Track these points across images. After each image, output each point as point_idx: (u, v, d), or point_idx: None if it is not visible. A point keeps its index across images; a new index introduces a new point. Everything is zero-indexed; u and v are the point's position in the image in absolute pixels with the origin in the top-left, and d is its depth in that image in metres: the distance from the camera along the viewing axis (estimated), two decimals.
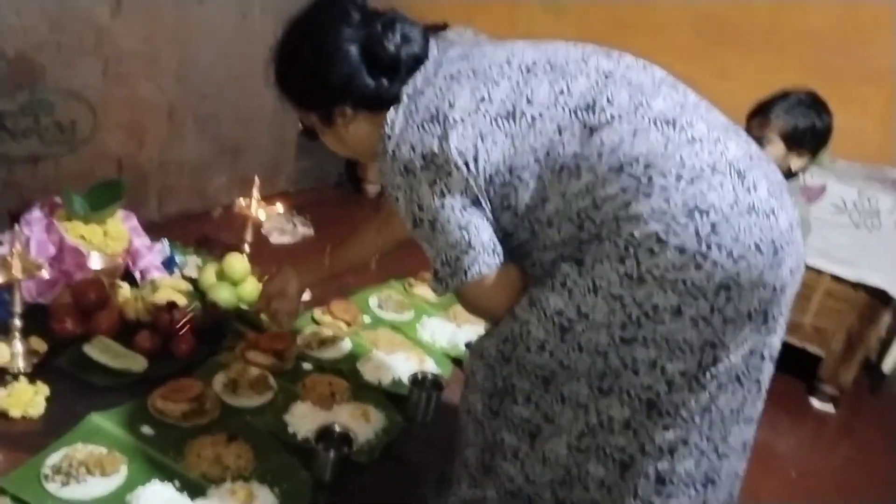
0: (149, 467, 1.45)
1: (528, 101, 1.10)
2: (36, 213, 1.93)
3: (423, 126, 1.12)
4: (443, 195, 1.12)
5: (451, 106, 1.11)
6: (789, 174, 1.90)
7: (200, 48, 2.57)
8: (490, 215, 1.15)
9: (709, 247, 1.00)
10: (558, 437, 1.17)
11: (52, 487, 1.33)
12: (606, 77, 1.11)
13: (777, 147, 1.88)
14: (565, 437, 1.16)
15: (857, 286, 2.41)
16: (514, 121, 1.10)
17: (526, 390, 1.18)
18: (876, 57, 3.00)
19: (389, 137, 1.15)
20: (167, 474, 1.43)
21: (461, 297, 1.22)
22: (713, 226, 1.00)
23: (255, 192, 2.31)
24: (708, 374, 1.08)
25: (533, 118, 1.10)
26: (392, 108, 1.17)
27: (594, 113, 1.08)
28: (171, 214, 2.66)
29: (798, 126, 1.88)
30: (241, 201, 2.33)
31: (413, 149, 1.12)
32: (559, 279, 1.10)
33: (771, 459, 2.16)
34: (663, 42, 3.27)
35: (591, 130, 1.07)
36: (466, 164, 1.10)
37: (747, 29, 3.20)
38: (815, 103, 1.92)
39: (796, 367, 2.53)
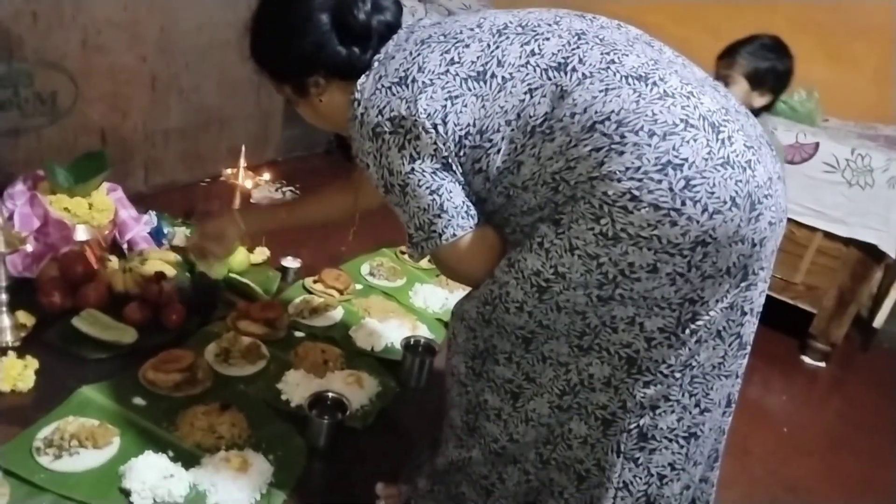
0: (142, 438, 1.44)
1: (499, 63, 1.09)
2: (19, 187, 1.90)
3: (391, 89, 1.11)
4: (413, 159, 1.11)
5: (421, 69, 1.10)
6: (753, 112, 2.00)
7: (181, 17, 2.51)
8: (461, 179, 1.14)
9: (683, 202, 0.99)
10: (540, 396, 1.17)
11: (45, 460, 1.33)
12: (579, 37, 1.10)
13: (741, 86, 2.02)
14: (547, 396, 1.17)
15: (848, 243, 2.41)
16: (485, 82, 1.09)
17: (507, 351, 1.18)
18: (869, 14, 2.97)
19: (358, 102, 1.14)
20: (160, 445, 1.43)
21: (438, 261, 1.21)
22: (687, 181, 0.99)
23: (242, 162, 2.29)
24: (687, 330, 1.08)
25: (504, 79, 1.08)
26: (364, 75, 1.16)
27: (566, 73, 1.06)
28: (157, 185, 2.62)
29: (760, 67, 2.04)
30: (229, 171, 2.30)
31: (381, 113, 1.11)
32: (536, 240, 1.10)
33: (762, 415, 2.18)
34: (655, 2, 3.23)
35: (563, 90, 1.06)
36: (435, 127, 1.08)
37: None
38: (777, 47, 2.08)
39: (788, 324, 2.54)
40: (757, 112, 2.02)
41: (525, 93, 1.07)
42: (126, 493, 1.31)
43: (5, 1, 1.97)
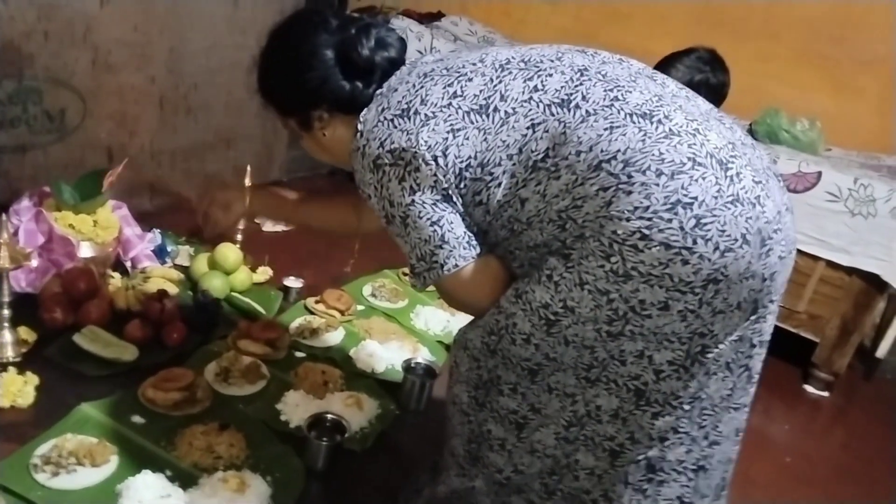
0: (140, 457, 1.43)
1: (502, 97, 1.10)
2: (25, 203, 1.91)
3: (393, 122, 1.13)
4: (413, 191, 1.12)
5: (423, 102, 1.12)
6: None
7: (191, 37, 2.55)
8: (462, 210, 1.15)
9: (694, 241, 0.99)
10: (546, 427, 1.16)
11: (42, 478, 1.32)
12: (581, 73, 1.11)
13: None
14: (553, 427, 1.16)
15: (851, 273, 2.40)
16: (487, 116, 1.10)
17: (512, 382, 1.17)
18: (871, 45, 2.99)
19: (361, 134, 1.17)
20: (158, 464, 1.42)
21: (441, 291, 1.21)
22: (697, 219, 0.99)
23: (248, 181, 2.29)
24: (697, 363, 1.07)
25: (506, 114, 1.09)
26: (366, 108, 1.19)
27: (569, 109, 1.07)
28: (162, 204, 2.64)
29: (693, 79, 2.09)
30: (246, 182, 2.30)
31: (382, 145, 1.13)
32: (545, 272, 1.09)
33: (765, 444, 2.16)
34: (660, 30, 3.26)
35: (566, 127, 1.06)
36: (435, 159, 1.09)
37: (743, 16, 3.19)
38: (713, 60, 2.14)
39: (791, 352, 2.53)
40: None
41: (528, 128, 1.08)
42: None
43: (18, 20, 2.00)
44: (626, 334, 1.05)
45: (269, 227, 2.68)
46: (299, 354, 1.91)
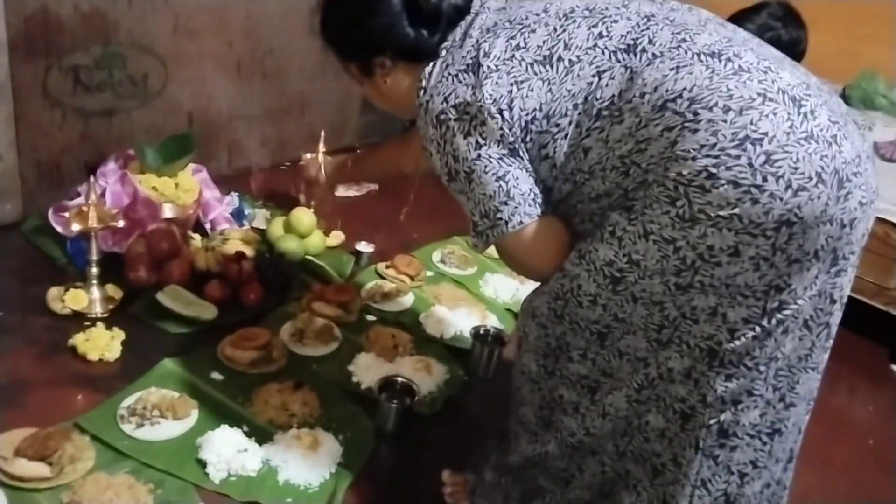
0: (218, 412, 1.49)
1: (566, 46, 1.08)
2: (111, 166, 1.98)
3: (457, 77, 1.11)
4: (478, 146, 1.10)
5: (486, 55, 1.10)
6: None
7: (267, 3, 2.57)
8: (528, 165, 1.12)
9: (764, 178, 0.94)
10: (618, 390, 1.14)
11: (128, 428, 1.39)
12: (648, 19, 1.08)
13: None
14: (625, 391, 1.13)
15: None
16: (551, 66, 1.08)
17: (581, 347, 1.15)
18: None
19: (424, 90, 1.15)
20: (236, 419, 1.47)
21: (503, 252, 1.19)
22: (767, 155, 0.94)
23: (321, 146, 2.32)
24: (773, 320, 1.02)
25: (571, 62, 1.07)
26: (430, 63, 1.17)
27: (635, 54, 1.04)
28: (240, 168, 2.70)
29: (763, 36, 1.94)
30: (308, 155, 2.34)
31: (446, 100, 1.11)
32: (608, 228, 1.07)
33: (847, 426, 2.08)
34: None
35: (632, 72, 1.03)
36: (501, 113, 1.08)
37: None
38: (786, 15, 1.97)
39: (879, 331, 2.42)
40: None
41: (593, 75, 1.06)
42: (202, 464, 1.36)
43: None
44: (695, 286, 1.02)
45: (341, 192, 2.71)
46: (370, 318, 1.94)
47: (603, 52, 1.06)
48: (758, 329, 1.03)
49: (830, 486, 1.80)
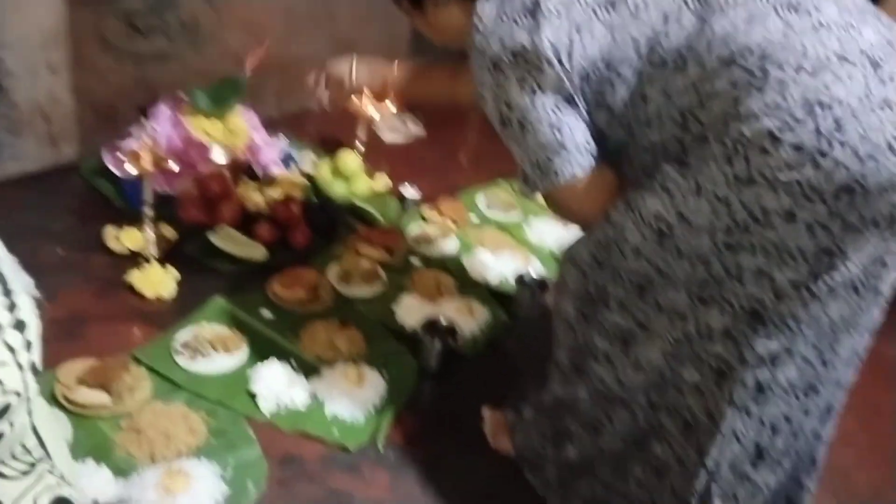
0: (268, 347, 1.55)
1: None
2: (163, 109, 2.02)
3: (514, 19, 1.06)
4: (533, 92, 1.07)
5: None
6: None
7: None
8: (584, 115, 1.09)
9: (830, 144, 0.90)
10: (652, 343, 1.13)
11: (182, 360, 1.46)
12: None
13: None
14: (660, 344, 1.12)
15: None
16: (615, 9, 1.03)
17: (620, 297, 1.14)
18: None
19: (479, 31, 1.10)
20: (284, 355, 1.53)
21: (551, 200, 1.18)
22: (837, 121, 0.90)
23: (367, 90, 2.32)
24: (821, 283, 0.99)
25: (636, 6, 1.02)
26: (485, 1, 1.11)
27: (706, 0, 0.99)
28: (288, 111, 2.72)
29: None
30: (354, 99, 2.34)
31: (502, 43, 1.07)
32: (659, 180, 1.03)
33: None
34: None
35: (702, 19, 0.98)
36: (559, 59, 1.03)
37: None
38: None
39: None
40: None
41: (659, 20, 1.01)
42: (252, 396, 1.42)
43: None
44: (745, 246, 0.99)
45: (388, 136, 2.72)
46: (415, 261, 1.97)
47: None
48: (805, 292, 1.00)
49: (874, 431, 1.78)
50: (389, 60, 1.71)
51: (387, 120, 2.73)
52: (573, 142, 1.09)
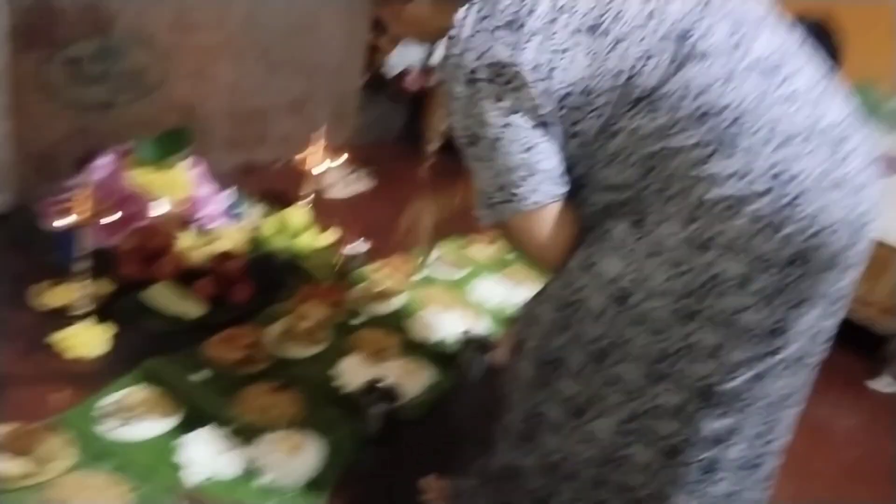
0: (200, 412, 1.49)
1: (615, 18, 0.99)
2: (104, 159, 1.98)
3: (494, 33, 1.00)
4: (509, 111, 1.00)
5: (531, 13, 0.98)
6: None
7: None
8: (558, 140, 1.04)
9: (786, 218, 0.93)
10: (604, 417, 1.11)
11: (109, 427, 1.39)
12: (705, 5, 1.00)
13: None
14: (610, 419, 1.10)
15: None
16: (598, 37, 0.98)
17: (578, 365, 1.11)
18: None
19: (456, 41, 1.01)
20: (220, 420, 1.47)
21: (510, 230, 1.10)
22: (793, 197, 0.92)
23: (318, 145, 2.31)
24: (772, 361, 1.01)
25: (617, 38, 0.98)
26: (464, 8, 1.03)
27: (686, 45, 0.97)
28: (236, 164, 2.69)
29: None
30: (303, 154, 2.33)
31: (481, 57, 1.00)
32: (615, 242, 1.03)
33: (826, 438, 2.08)
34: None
35: (679, 66, 0.97)
36: (540, 80, 0.99)
37: None
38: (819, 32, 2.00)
39: (860, 343, 2.41)
40: None
41: (639, 57, 0.97)
42: (182, 466, 1.36)
43: None
44: (703, 314, 0.99)
45: (336, 191, 2.71)
46: (359, 319, 1.94)
47: (653, 34, 0.97)
48: (756, 370, 1.01)
49: (814, 495, 1.80)
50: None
51: (336, 174, 2.73)
52: (543, 168, 1.03)
